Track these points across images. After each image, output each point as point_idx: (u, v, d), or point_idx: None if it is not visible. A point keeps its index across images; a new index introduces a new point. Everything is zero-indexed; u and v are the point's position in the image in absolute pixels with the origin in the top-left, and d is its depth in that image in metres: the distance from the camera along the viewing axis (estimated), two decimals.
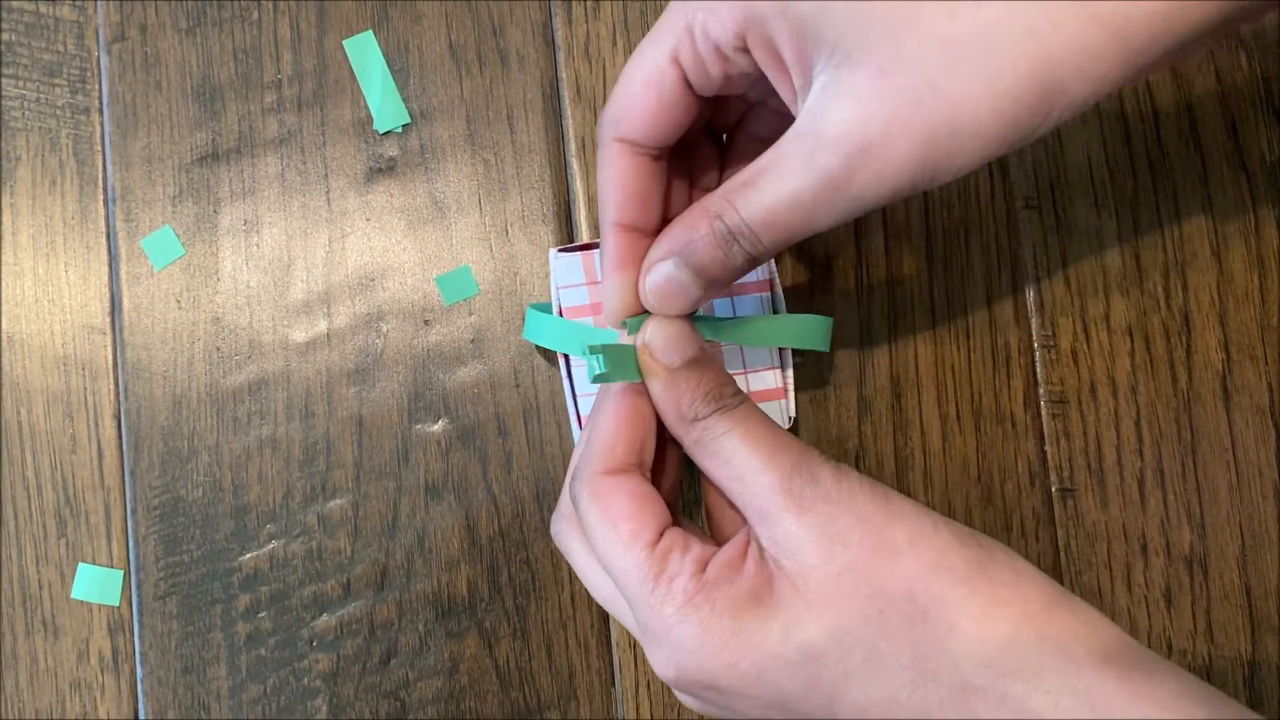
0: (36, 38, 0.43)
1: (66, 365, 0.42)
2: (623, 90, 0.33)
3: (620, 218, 0.33)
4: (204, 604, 0.41)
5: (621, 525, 0.32)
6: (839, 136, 0.29)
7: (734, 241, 0.32)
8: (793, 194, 0.30)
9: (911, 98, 0.28)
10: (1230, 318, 0.42)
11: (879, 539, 0.30)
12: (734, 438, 0.32)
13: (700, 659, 0.30)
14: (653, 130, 0.33)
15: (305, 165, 0.43)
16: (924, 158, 0.29)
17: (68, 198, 0.43)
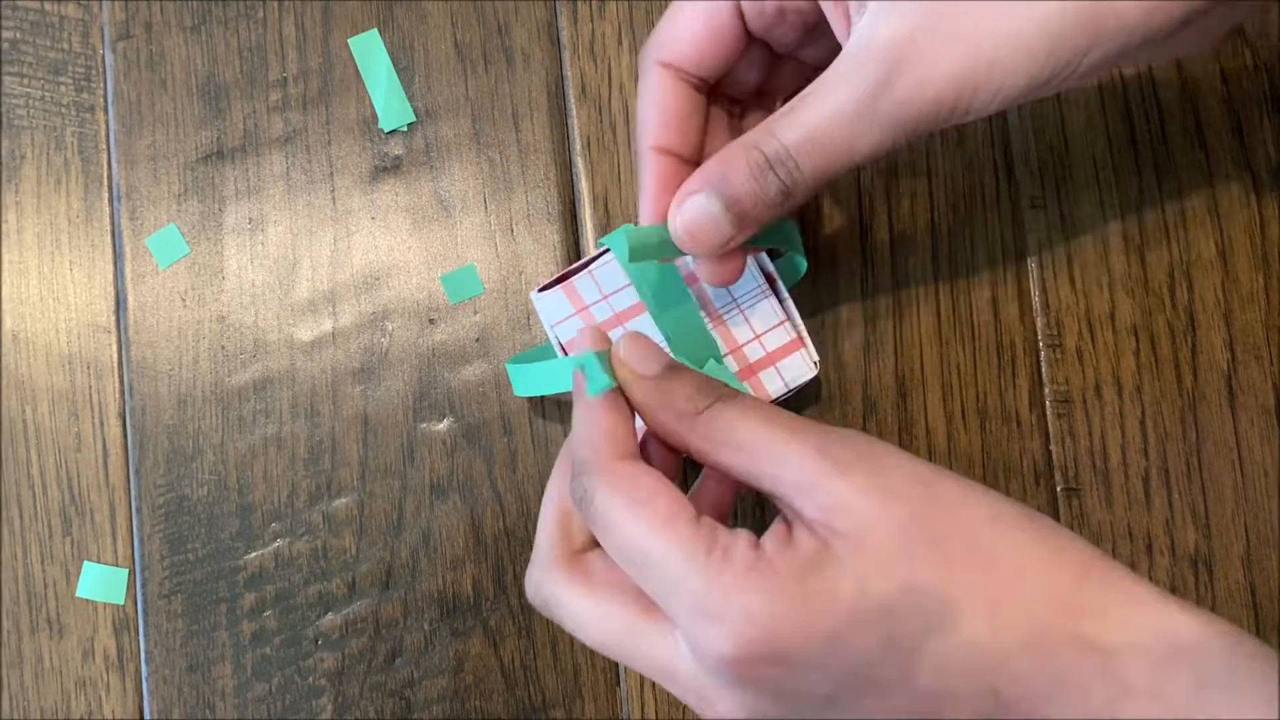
0: (41, 36, 0.43)
1: (71, 364, 0.42)
2: (673, 16, 0.33)
3: (659, 141, 0.33)
4: (209, 603, 0.41)
5: (658, 503, 0.30)
6: (885, 46, 0.30)
7: (769, 170, 0.31)
8: (834, 110, 0.30)
9: (955, 9, 0.29)
10: (1235, 318, 0.42)
11: (932, 493, 0.30)
12: (749, 420, 0.31)
13: (770, 628, 0.28)
14: (697, 58, 0.33)
15: (310, 164, 0.43)
16: (966, 64, 0.29)
17: (73, 196, 0.43)
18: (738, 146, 0.32)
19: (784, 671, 0.28)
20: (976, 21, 0.29)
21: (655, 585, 0.30)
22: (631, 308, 0.38)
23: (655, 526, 0.29)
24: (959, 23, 0.29)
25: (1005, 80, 0.30)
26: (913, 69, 0.30)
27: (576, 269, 0.38)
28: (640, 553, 0.30)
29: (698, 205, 0.32)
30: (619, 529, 0.30)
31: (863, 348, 0.42)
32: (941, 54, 0.29)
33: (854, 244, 0.42)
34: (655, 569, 0.29)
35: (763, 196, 0.32)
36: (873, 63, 0.30)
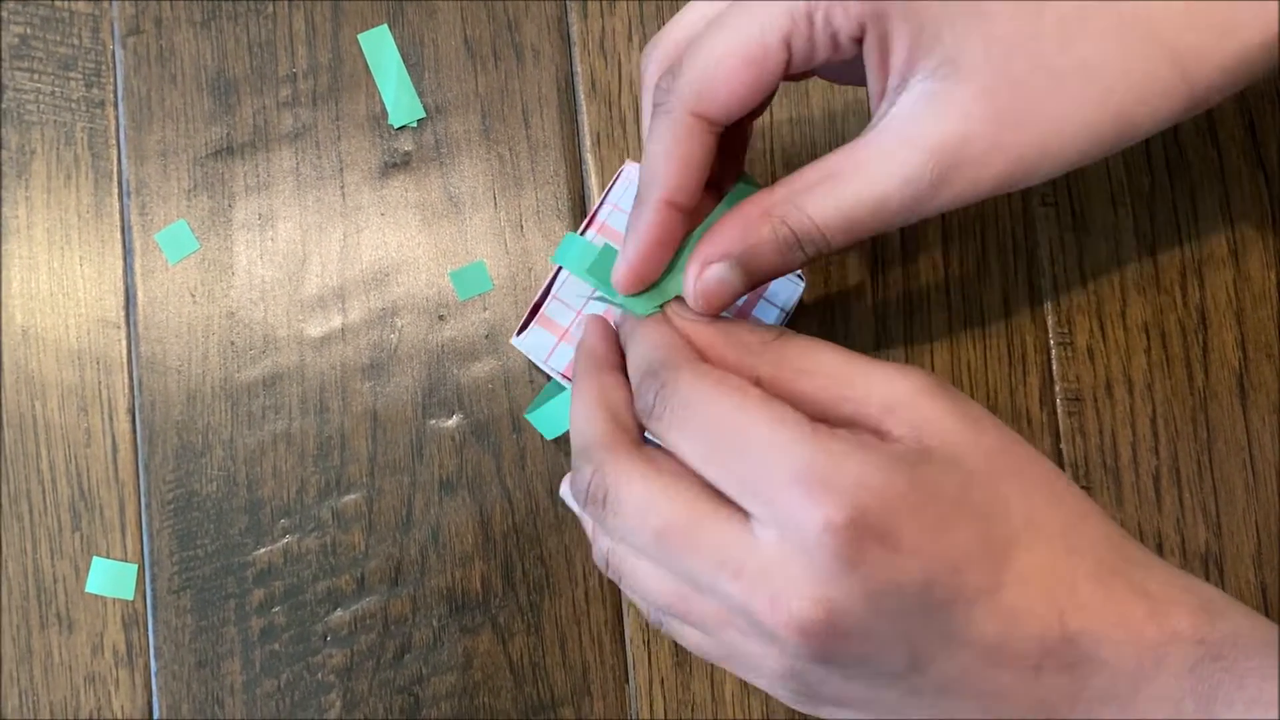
0: (52, 31, 0.43)
1: (81, 359, 0.42)
2: (714, 63, 0.31)
3: (675, 197, 0.32)
4: (218, 598, 0.41)
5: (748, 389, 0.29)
6: (937, 146, 0.30)
7: (798, 247, 0.31)
8: (879, 198, 0.30)
9: (1013, 119, 0.30)
10: (1247, 316, 0.42)
11: (1010, 435, 0.31)
12: (823, 349, 0.30)
13: (885, 497, 0.27)
14: (738, 110, 0.31)
15: (320, 160, 0.43)
16: (1011, 172, 0.30)
17: (82, 191, 0.43)
18: (760, 215, 0.31)
19: (886, 554, 0.27)
20: (1029, 137, 0.30)
21: (752, 461, 0.28)
22: (607, 311, 0.38)
23: (756, 403, 0.28)
24: (1014, 135, 0.30)
25: (1036, 179, 0.31)
26: (963, 175, 0.30)
27: (541, 298, 0.39)
28: (734, 429, 0.28)
29: (719, 275, 0.32)
30: (712, 406, 0.29)
31: (873, 345, 0.42)
32: (993, 164, 0.30)
33: (864, 241, 0.42)
34: (754, 442, 0.28)
35: (786, 267, 0.32)
36: (921, 160, 0.30)
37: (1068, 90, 0.30)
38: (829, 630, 0.28)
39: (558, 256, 0.38)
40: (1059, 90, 0.30)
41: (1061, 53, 0.29)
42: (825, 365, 0.30)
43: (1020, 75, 0.30)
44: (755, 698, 0.41)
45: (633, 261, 0.32)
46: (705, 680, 0.41)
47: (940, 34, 0.30)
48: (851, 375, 0.30)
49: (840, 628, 0.28)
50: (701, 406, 0.29)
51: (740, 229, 0.31)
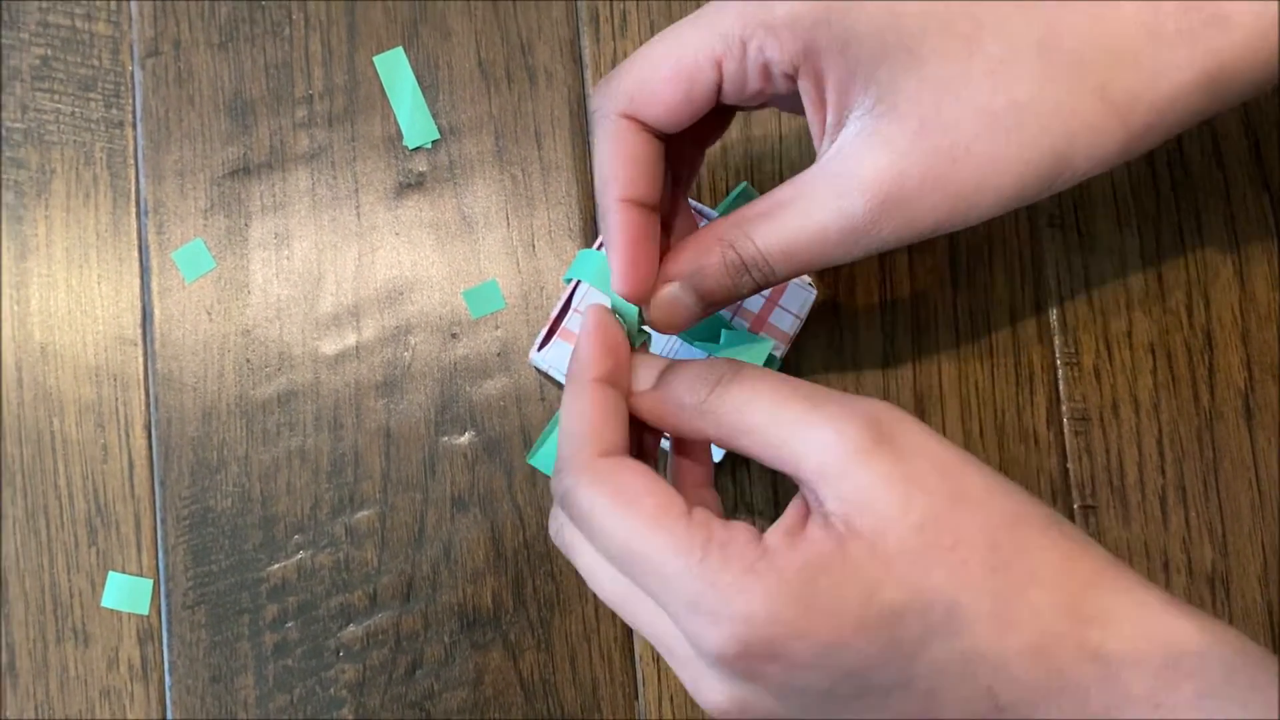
0: (72, 53, 0.44)
1: (98, 376, 0.43)
2: (646, 69, 0.32)
3: (629, 193, 0.32)
4: (232, 614, 0.42)
5: (643, 501, 0.29)
6: (872, 183, 0.30)
7: (745, 272, 0.32)
8: (818, 231, 0.31)
9: (948, 157, 0.30)
10: (1253, 337, 0.42)
11: (958, 486, 0.29)
12: (762, 402, 0.30)
13: (770, 631, 0.28)
14: (667, 119, 0.32)
15: (335, 180, 0.43)
16: (950, 210, 0.31)
17: (101, 210, 0.43)
18: (712, 240, 0.32)
19: (781, 669, 0.28)
20: (963, 174, 0.30)
21: (648, 585, 0.29)
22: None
23: (644, 525, 0.29)
24: (948, 171, 0.30)
25: (978, 216, 0.31)
26: (900, 211, 0.31)
27: (560, 314, 0.40)
28: (629, 553, 0.29)
29: (672, 295, 0.33)
30: (605, 530, 0.29)
31: (881, 364, 0.42)
32: (929, 200, 0.31)
33: (871, 260, 0.43)
34: (647, 569, 0.29)
35: (735, 292, 0.33)
36: (858, 197, 0.31)
37: (1000, 129, 0.30)
38: (744, 713, 0.30)
39: (572, 272, 0.39)
40: (992, 129, 0.30)
41: (993, 93, 0.30)
42: (762, 422, 0.30)
43: (953, 115, 0.30)
44: None
45: (621, 266, 0.33)
46: None
47: (874, 74, 0.30)
48: (785, 436, 0.30)
49: (756, 711, 0.29)
50: (599, 528, 0.30)
51: (694, 252, 0.33)
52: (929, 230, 0.31)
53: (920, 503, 0.29)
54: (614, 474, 0.30)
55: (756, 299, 0.39)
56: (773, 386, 0.31)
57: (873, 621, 0.28)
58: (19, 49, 0.44)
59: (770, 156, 0.43)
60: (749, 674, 0.29)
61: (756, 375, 0.31)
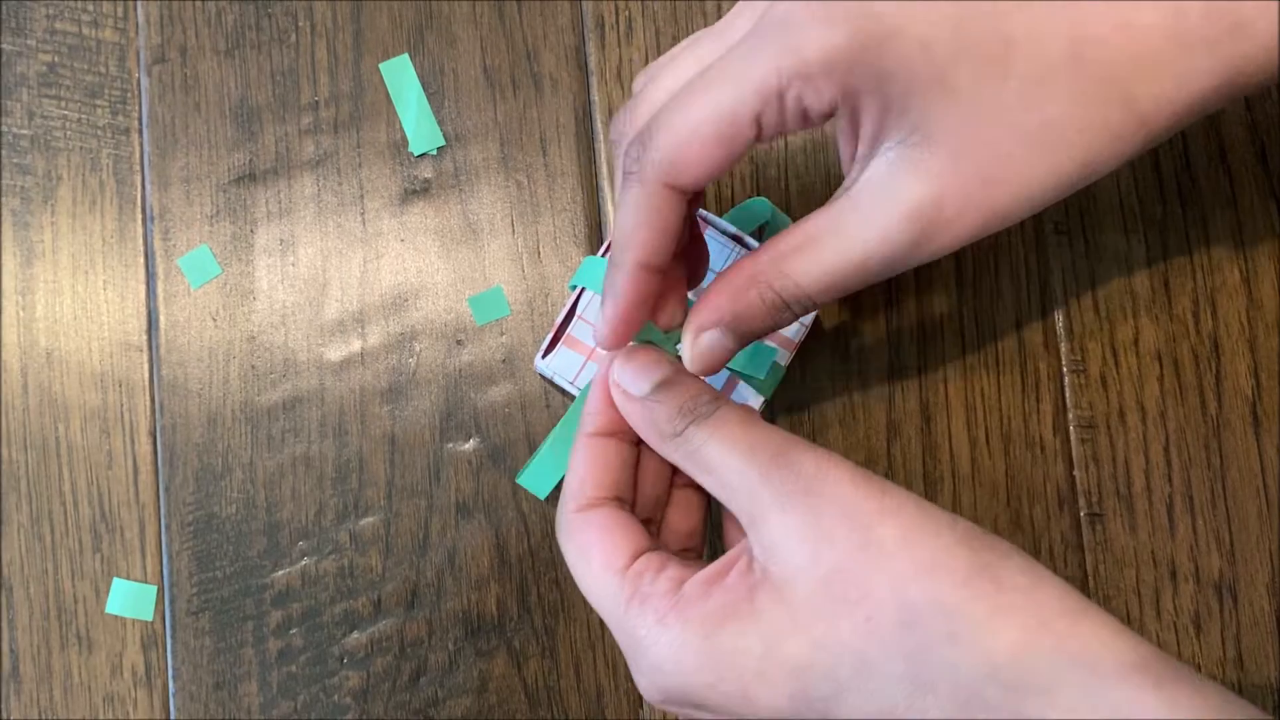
0: (79, 59, 0.44)
1: (104, 382, 0.43)
2: (685, 133, 0.31)
3: (651, 260, 0.32)
4: (236, 620, 0.42)
5: (593, 556, 0.32)
6: (913, 211, 0.31)
7: (786, 309, 0.32)
8: (860, 262, 0.31)
9: (984, 179, 0.30)
10: (1260, 344, 0.42)
11: (867, 537, 0.29)
12: (713, 444, 0.31)
13: (680, 679, 0.30)
14: (706, 180, 0.31)
15: (341, 186, 0.43)
16: (984, 226, 0.31)
17: (107, 217, 0.43)
18: (747, 282, 0.32)
19: (706, 713, 0.30)
20: (1000, 193, 0.31)
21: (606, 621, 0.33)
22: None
23: (590, 579, 0.32)
24: (984, 192, 0.31)
25: (1013, 221, 0.32)
26: (939, 234, 0.31)
27: (565, 322, 0.40)
28: (588, 595, 0.33)
29: (712, 342, 0.33)
30: (575, 573, 0.33)
31: (887, 373, 0.42)
32: (967, 221, 0.31)
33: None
34: (600, 610, 0.32)
35: (776, 327, 0.33)
36: (899, 224, 0.31)
37: (1035, 147, 0.30)
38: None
39: (577, 279, 0.39)
40: (1026, 149, 0.30)
41: (1027, 113, 0.30)
42: (715, 465, 0.31)
43: (989, 138, 0.30)
44: None
45: (613, 322, 0.33)
46: None
47: (908, 107, 0.30)
48: (728, 480, 0.31)
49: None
50: (573, 569, 0.33)
51: (729, 297, 0.32)
52: (966, 243, 0.32)
53: (827, 555, 0.29)
54: (579, 531, 0.33)
55: None
56: (730, 431, 0.32)
57: (775, 673, 0.29)
58: (26, 55, 0.44)
59: (774, 162, 0.43)
60: (681, 713, 0.31)
61: (722, 418, 0.32)
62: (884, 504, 0.30)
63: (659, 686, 0.31)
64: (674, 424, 0.32)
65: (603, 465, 0.34)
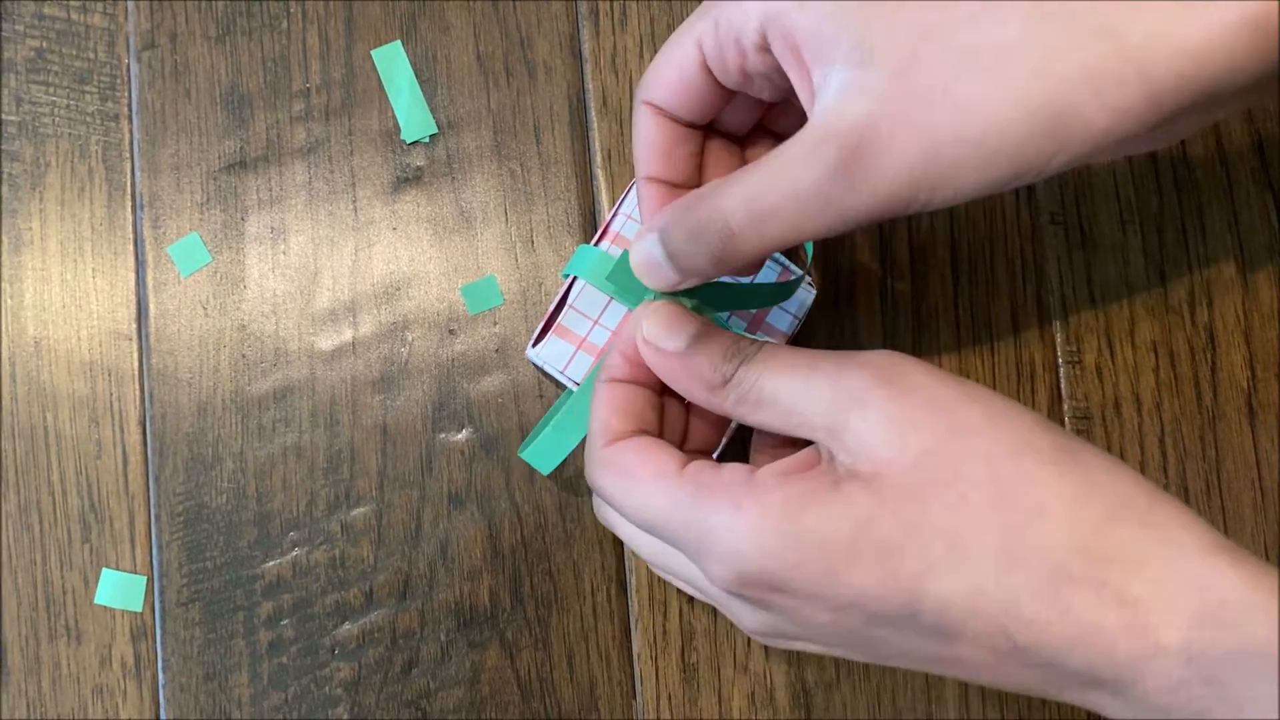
0: (68, 45, 0.43)
1: (93, 371, 0.42)
2: (656, 60, 0.34)
3: (649, 171, 0.34)
4: (226, 611, 0.41)
5: (639, 472, 0.31)
6: (846, 129, 0.28)
7: (705, 234, 0.31)
8: (786, 187, 0.29)
9: (924, 98, 0.28)
10: (1255, 335, 0.42)
11: (953, 420, 0.29)
12: (770, 375, 0.31)
13: (760, 562, 0.28)
14: (675, 103, 0.33)
15: (332, 174, 0.43)
16: (926, 160, 0.28)
17: (96, 204, 0.43)
18: (687, 199, 0.32)
19: (786, 598, 0.29)
20: (941, 118, 0.28)
21: (668, 538, 0.31)
22: (624, 320, 0.38)
23: (646, 493, 0.31)
24: (924, 114, 0.28)
25: (966, 180, 0.28)
26: (873, 159, 0.28)
27: (556, 310, 0.39)
28: (645, 521, 0.31)
29: (645, 247, 0.32)
30: (624, 505, 0.32)
31: None
32: (903, 147, 0.28)
33: (872, 257, 0.42)
34: (661, 528, 0.31)
35: (697, 258, 0.31)
36: (832, 146, 0.28)
37: (982, 69, 0.27)
38: (782, 638, 0.31)
39: (570, 268, 0.39)
40: (972, 70, 0.28)
41: (975, 34, 0.28)
42: (773, 394, 0.31)
43: (931, 56, 0.28)
44: (763, 711, 0.41)
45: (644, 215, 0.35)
46: (713, 696, 0.41)
47: (846, 21, 0.29)
48: (794, 400, 0.30)
49: (789, 635, 0.31)
50: (620, 507, 0.32)
51: (671, 209, 0.32)
52: (906, 186, 0.28)
53: (915, 440, 0.28)
54: (618, 457, 0.32)
55: None
56: (781, 358, 0.31)
57: (866, 554, 0.28)
58: (14, 41, 0.43)
59: None
60: (761, 603, 0.30)
61: (770, 350, 0.32)
62: (963, 390, 0.29)
63: (737, 571, 0.29)
64: (722, 370, 0.31)
65: (627, 403, 0.33)
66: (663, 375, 0.33)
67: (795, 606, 0.29)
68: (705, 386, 0.32)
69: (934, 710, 0.40)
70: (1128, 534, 0.28)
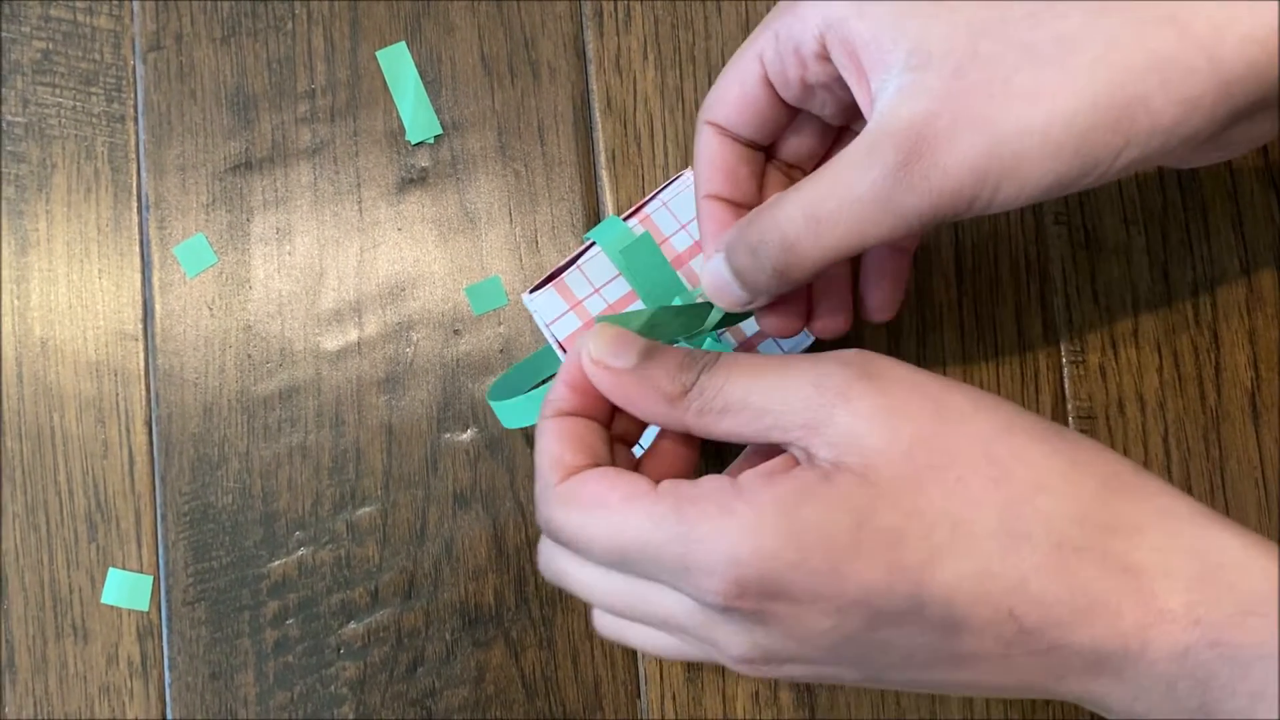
0: (74, 46, 0.44)
1: (99, 371, 0.43)
2: (719, 79, 0.34)
3: (710, 190, 0.34)
4: (232, 610, 0.41)
5: (609, 498, 0.29)
6: (904, 128, 0.28)
7: (764, 249, 0.31)
8: (845, 194, 0.29)
9: (984, 91, 0.28)
10: (1259, 335, 0.42)
11: (939, 406, 0.28)
12: (738, 379, 0.29)
13: (759, 565, 0.27)
14: (736, 119, 0.33)
15: (338, 175, 0.43)
16: (988, 153, 0.28)
17: (102, 205, 0.43)
18: (748, 216, 0.31)
19: (787, 605, 0.27)
20: (1002, 110, 0.27)
21: (645, 569, 0.29)
22: (624, 298, 0.38)
23: (618, 517, 0.28)
24: (984, 107, 0.28)
25: (1030, 176, 0.28)
26: (932, 155, 0.28)
27: (565, 265, 0.39)
28: (618, 551, 0.29)
29: (713, 268, 0.32)
30: (589, 538, 0.29)
31: None
32: (963, 141, 0.28)
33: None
34: (637, 555, 0.28)
35: (759, 273, 0.31)
36: (891, 147, 0.28)
37: (1044, 61, 0.27)
38: (770, 663, 0.29)
39: (594, 233, 0.38)
40: (1034, 61, 0.27)
41: (1034, 30, 0.28)
42: (742, 398, 0.29)
43: (990, 52, 0.28)
44: (767, 711, 0.41)
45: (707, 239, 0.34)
46: (717, 695, 0.41)
47: (904, 25, 0.29)
48: (767, 402, 0.29)
49: (780, 657, 0.28)
50: (584, 541, 0.29)
51: (735, 227, 0.32)
52: (969, 185, 0.28)
53: (906, 429, 0.28)
54: (578, 489, 0.29)
55: (751, 324, 0.38)
56: (748, 363, 0.30)
57: (869, 546, 0.27)
58: (20, 43, 0.44)
59: None
60: (759, 617, 0.28)
61: (731, 356, 0.30)
62: (942, 380, 0.29)
63: (734, 579, 0.27)
64: (680, 379, 0.30)
65: (579, 436, 0.31)
66: (615, 395, 0.31)
67: (795, 615, 0.28)
68: (664, 399, 0.30)
69: (938, 711, 0.40)
70: (1123, 505, 0.28)
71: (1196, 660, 0.26)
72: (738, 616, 0.28)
